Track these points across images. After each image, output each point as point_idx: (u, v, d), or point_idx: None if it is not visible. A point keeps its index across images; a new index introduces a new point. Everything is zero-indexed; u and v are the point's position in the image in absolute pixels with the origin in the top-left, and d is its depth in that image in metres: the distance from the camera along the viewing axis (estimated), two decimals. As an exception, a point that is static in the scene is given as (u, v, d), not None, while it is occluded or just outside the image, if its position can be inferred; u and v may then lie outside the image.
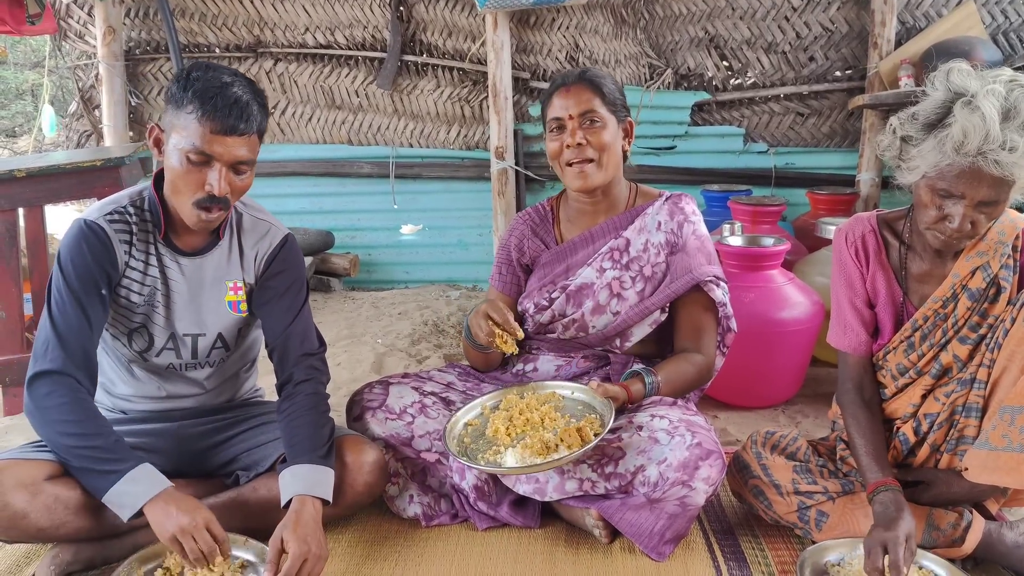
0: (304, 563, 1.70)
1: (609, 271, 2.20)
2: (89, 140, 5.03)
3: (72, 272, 1.84)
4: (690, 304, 2.18)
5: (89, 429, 1.76)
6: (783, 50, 4.56)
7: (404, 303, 4.50)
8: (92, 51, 4.89)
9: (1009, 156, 1.59)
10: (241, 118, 1.78)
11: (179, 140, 1.78)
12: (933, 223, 1.73)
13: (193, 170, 1.79)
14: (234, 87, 1.79)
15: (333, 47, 4.82)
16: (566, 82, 2.17)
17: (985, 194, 1.64)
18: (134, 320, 1.96)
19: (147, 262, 1.94)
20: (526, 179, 4.70)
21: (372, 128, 4.89)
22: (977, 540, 1.81)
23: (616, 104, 2.18)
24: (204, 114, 1.75)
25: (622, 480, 1.91)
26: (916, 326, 1.88)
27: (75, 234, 1.87)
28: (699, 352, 2.17)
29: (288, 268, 2.05)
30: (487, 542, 2.02)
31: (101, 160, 2.93)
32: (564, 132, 2.14)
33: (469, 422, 2.07)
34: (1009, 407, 1.69)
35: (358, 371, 3.38)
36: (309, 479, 1.82)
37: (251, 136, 1.82)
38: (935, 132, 1.67)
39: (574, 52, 4.68)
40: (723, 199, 4.13)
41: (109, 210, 1.91)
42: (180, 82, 1.80)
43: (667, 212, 2.23)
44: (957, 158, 1.63)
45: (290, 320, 2.01)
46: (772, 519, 2.00)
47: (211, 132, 1.76)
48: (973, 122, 1.59)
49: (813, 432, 2.73)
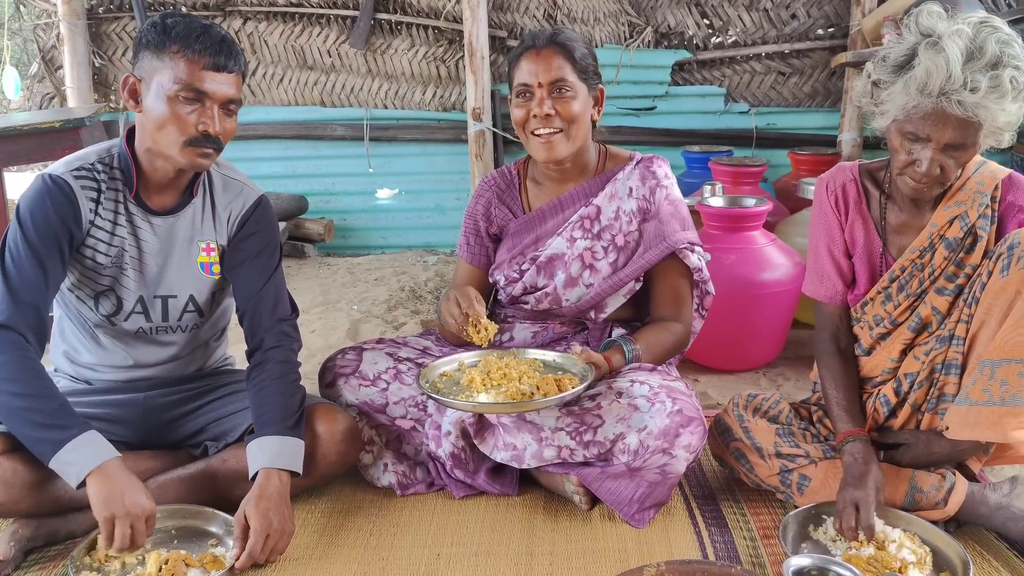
0: (267, 538, 1.66)
1: (580, 241, 2.13)
2: (52, 102, 4.88)
3: (31, 226, 1.76)
4: (666, 271, 2.12)
5: (33, 390, 1.69)
6: (765, 7, 4.49)
7: (380, 269, 4.43)
8: (53, 9, 4.71)
9: (972, 96, 1.59)
10: (230, 55, 1.76)
11: (165, 81, 1.73)
12: (903, 167, 1.73)
13: (183, 109, 1.74)
14: (214, 27, 1.78)
15: (304, 5, 4.67)
16: (536, 44, 2.04)
17: (951, 136, 1.64)
18: (101, 282, 1.89)
19: (115, 221, 1.87)
20: (504, 141, 4.62)
21: (345, 89, 4.77)
22: (960, 502, 1.80)
23: (588, 71, 2.06)
24: (193, 51, 1.72)
25: (601, 448, 1.87)
26: (893, 277, 1.87)
27: (37, 188, 1.80)
28: (677, 320, 2.13)
29: (261, 230, 1.99)
30: (464, 511, 1.98)
31: (60, 121, 2.84)
32: (531, 100, 2.04)
33: (445, 372, 2.02)
34: (988, 361, 1.69)
35: (332, 338, 3.32)
36: (276, 451, 1.77)
37: (238, 75, 1.80)
38: (902, 74, 1.67)
39: (552, 10, 4.57)
40: (704, 160, 4.08)
41: (76, 166, 1.83)
42: (157, 27, 1.75)
43: (639, 177, 2.15)
44: (921, 99, 1.63)
45: (262, 284, 1.96)
46: (754, 483, 1.98)
47: (202, 68, 1.72)
48: (936, 62, 1.59)
49: (794, 394, 2.71)
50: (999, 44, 1.61)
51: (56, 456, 1.64)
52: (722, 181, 3.55)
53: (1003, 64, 1.60)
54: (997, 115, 1.61)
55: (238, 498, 1.76)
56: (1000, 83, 1.59)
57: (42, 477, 1.73)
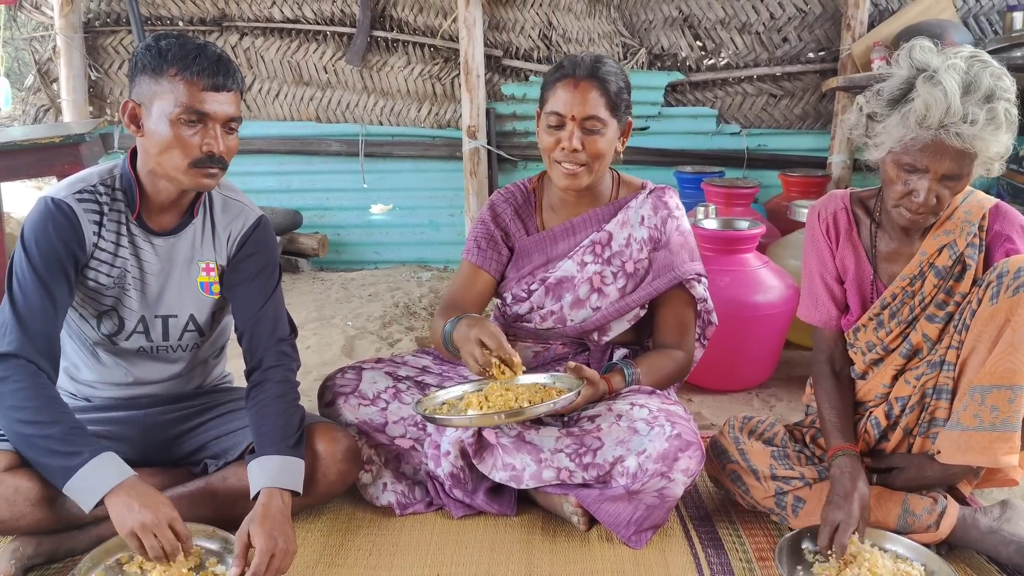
0: (272, 558, 1.66)
1: (590, 265, 2.15)
2: (47, 115, 4.87)
3: (36, 252, 1.77)
4: (672, 300, 2.15)
5: (47, 417, 1.69)
6: (757, 31, 4.54)
7: (374, 284, 4.44)
8: (49, 22, 4.72)
9: (970, 129, 1.63)
10: (228, 74, 1.77)
11: (166, 105, 1.73)
12: (899, 198, 1.76)
13: (186, 131, 1.74)
14: (209, 47, 1.78)
15: (301, 22, 4.70)
16: (575, 74, 2.02)
17: (948, 167, 1.68)
18: (103, 303, 1.90)
19: (118, 243, 1.88)
20: (498, 159, 4.65)
21: (341, 105, 4.79)
22: (952, 525, 1.83)
23: (620, 106, 2.05)
24: (191, 73, 1.72)
25: (600, 470, 1.89)
26: (885, 304, 1.90)
27: (41, 212, 1.80)
28: (679, 348, 2.15)
29: (261, 250, 2.00)
30: (463, 530, 2.00)
31: (60, 137, 2.83)
32: (562, 130, 2.02)
33: (448, 402, 2.01)
34: (979, 387, 1.72)
35: (328, 354, 3.33)
36: (277, 471, 1.78)
37: (237, 92, 1.81)
38: (899, 107, 1.70)
39: (547, 30, 4.61)
40: (696, 181, 4.11)
41: (78, 188, 1.84)
42: (152, 50, 1.75)
43: (651, 206, 2.18)
44: (920, 132, 1.66)
45: (261, 304, 1.97)
46: (749, 504, 2.00)
47: (202, 90, 1.73)
48: (935, 96, 1.63)
49: (787, 415, 2.74)
50: (992, 78, 1.66)
51: (72, 479, 1.65)
52: (714, 202, 3.58)
53: (996, 97, 1.65)
54: (991, 146, 1.66)
55: (238, 516, 1.76)
56: (996, 115, 1.64)
57: (45, 495, 1.73)
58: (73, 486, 1.66)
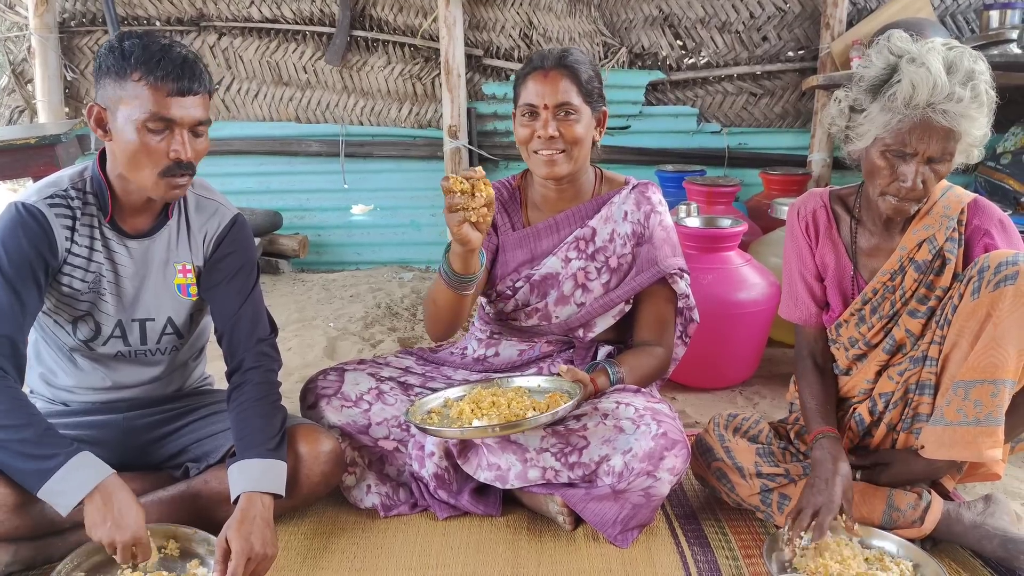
0: (248, 561, 1.65)
1: (575, 261, 2.15)
2: (22, 116, 4.81)
3: (5, 257, 1.74)
4: (653, 296, 2.15)
5: (17, 420, 1.66)
6: (737, 30, 4.56)
7: (356, 285, 4.41)
8: (24, 22, 4.66)
9: (956, 106, 1.66)
10: (193, 77, 1.72)
11: (131, 111, 1.69)
12: (887, 185, 1.78)
13: (153, 139, 1.70)
14: (175, 48, 1.73)
15: (280, 21, 4.67)
16: (544, 65, 2.05)
17: (935, 148, 1.70)
18: (78, 308, 1.87)
19: (91, 247, 1.84)
20: (480, 158, 4.64)
21: (321, 105, 4.76)
22: (936, 520, 1.83)
23: (593, 93, 2.08)
24: (155, 78, 1.68)
25: (586, 469, 1.89)
26: (866, 299, 1.92)
27: (11, 217, 1.76)
28: (660, 345, 2.16)
29: (238, 249, 1.98)
30: (448, 531, 1.98)
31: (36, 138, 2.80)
32: (536, 119, 2.05)
33: (433, 410, 2.00)
34: (962, 382, 1.73)
35: (310, 356, 3.30)
36: (258, 474, 1.76)
37: (204, 95, 1.76)
38: (883, 93, 1.72)
39: (528, 29, 4.61)
40: (677, 179, 4.12)
41: (49, 193, 1.80)
42: (115, 52, 1.70)
43: (633, 202, 2.18)
44: (907, 111, 1.69)
45: (240, 303, 1.95)
46: (735, 502, 2.00)
47: (167, 95, 1.69)
48: (920, 75, 1.66)
49: (771, 412, 2.74)
50: (970, 60, 1.70)
51: (44, 488, 1.63)
52: (696, 200, 3.59)
53: (977, 76, 1.69)
54: (974, 126, 1.69)
55: (221, 519, 1.74)
56: (979, 93, 1.67)
57: (20, 500, 1.70)
58: (49, 490, 1.63)
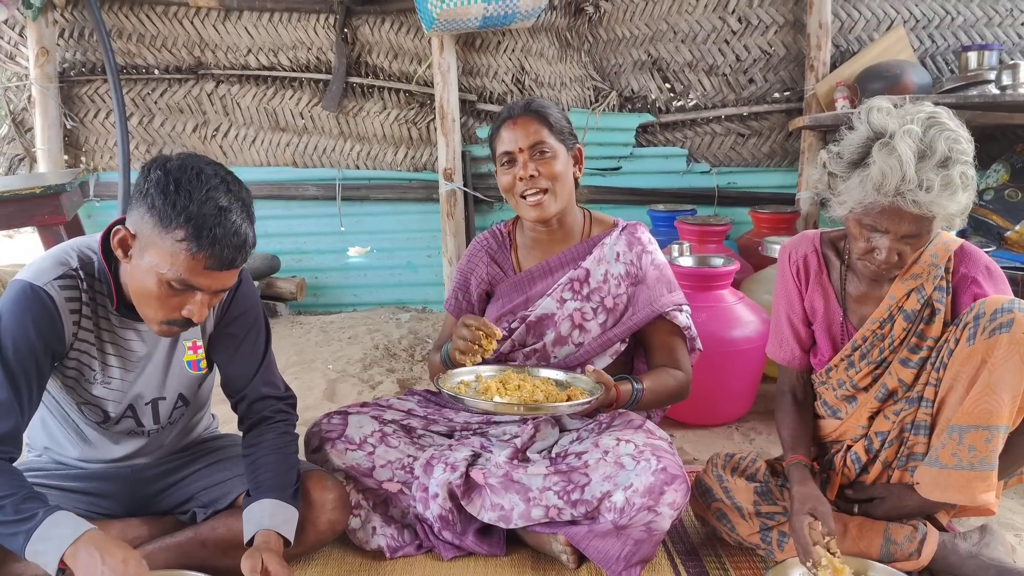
0: None
1: (570, 302, 2.21)
2: (21, 164, 4.86)
3: (11, 345, 1.65)
4: (657, 330, 2.22)
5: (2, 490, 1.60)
6: (724, 72, 4.67)
7: (353, 327, 4.44)
8: (24, 72, 4.74)
9: (926, 196, 1.66)
10: (239, 252, 1.61)
11: (159, 264, 1.58)
12: (863, 254, 1.82)
13: (169, 295, 1.62)
14: (232, 213, 1.58)
15: (277, 69, 4.75)
16: (512, 114, 2.17)
17: (907, 229, 1.72)
18: (86, 393, 1.83)
19: (99, 334, 1.79)
20: (475, 200, 4.71)
21: (318, 150, 4.83)
22: (932, 552, 1.87)
23: (564, 132, 2.19)
24: (200, 249, 1.55)
25: (588, 506, 1.92)
26: (856, 346, 1.95)
27: (19, 300, 1.67)
28: (678, 368, 2.21)
29: (245, 311, 1.94)
30: (454, 571, 2.00)
31: (40, 187, 2.84)
32: (515, 165, 2.15)
33: (463, 381, 2.10)
34: (957, 426, 1.77)
35: (310, 398, 3.32)
36: (275, 515, 1.79)
37: (240, 265, 1.66)
38: (858, 170, 1.74)
39: (520, 75, 4.71)
40: (669, 219, 4.20)
41: (59, 273, 1.71)
42: (168, 195, 1.55)
43: (625, 243, 2.25)
44: (878, 197, 1.70)
45: (255, 368, 1.95)
46: (735, 541, 2.03)
47: (204, 268, 1.58)
48: (890, 164, 1.66)
49: (767, 448, 2.78)
50: (948, 142, 1.68)
51: (29, 546, 1.57)
52: (688, 239, 3.66)
53: (953, 161, 1.68)
54: (949, 208, 1.70)
55: (227, 567, 1.76)
56: (951, 181, 1.66)
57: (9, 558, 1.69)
58: (32, 550, 1.57)
